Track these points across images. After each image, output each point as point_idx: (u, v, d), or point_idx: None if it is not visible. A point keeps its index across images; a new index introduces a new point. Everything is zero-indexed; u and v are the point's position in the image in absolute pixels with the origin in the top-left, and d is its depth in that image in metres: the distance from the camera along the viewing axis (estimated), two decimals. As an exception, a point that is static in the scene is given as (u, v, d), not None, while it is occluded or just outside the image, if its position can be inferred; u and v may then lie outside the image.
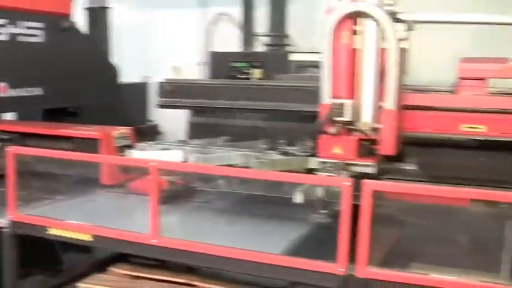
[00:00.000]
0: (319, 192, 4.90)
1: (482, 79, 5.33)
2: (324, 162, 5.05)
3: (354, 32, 5.03)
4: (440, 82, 5.76)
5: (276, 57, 9.09)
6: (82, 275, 5.85)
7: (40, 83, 8.26)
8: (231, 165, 5.44)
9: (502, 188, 4.83)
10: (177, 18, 10.81)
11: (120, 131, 6.65)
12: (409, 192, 4.65)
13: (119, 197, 6.09)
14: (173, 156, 5.60)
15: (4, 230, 5.38)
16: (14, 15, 7.80)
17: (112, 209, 5.91)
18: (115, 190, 6.20)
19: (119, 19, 11.36)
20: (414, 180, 5.42)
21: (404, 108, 5.25)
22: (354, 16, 4.97)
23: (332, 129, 4.93)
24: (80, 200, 6.03)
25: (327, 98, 5.00)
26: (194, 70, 9.71)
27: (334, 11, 4.95)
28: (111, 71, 9.81)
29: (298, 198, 4.74)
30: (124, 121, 7.59)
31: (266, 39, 9.48)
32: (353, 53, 5.03)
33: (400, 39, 5.01)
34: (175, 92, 7.12)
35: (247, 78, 8.92)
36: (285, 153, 5.61)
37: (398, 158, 5.36)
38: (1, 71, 7.69)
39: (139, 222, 5.00)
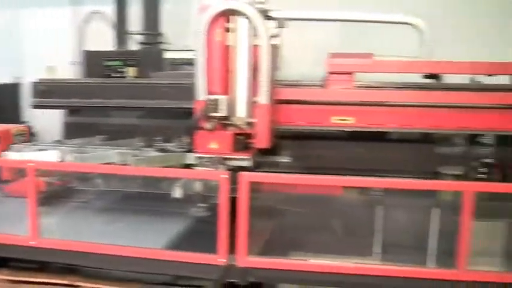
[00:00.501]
0: (198, 187, 5.00)
1: (349, 73, 5.59)
2: (200, 158, 5.15)
3: (227, 30, 5.15)
4: (311, 77, 5.96)
5: (151, 55, 9.04)
6: None
7: None
8: (108, 164, 5.44)
9: (372, 176, 5.11)
10: (49, 17, 10.60)
11: (18, 128, 6.61)
12: (284, 183, 4.84)
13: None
14: (50, 156, 5.53)
15: None
16: None
17: None
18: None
19: None
20: (289, 172, 5.63)
21: (277, 102, 5.44)
22: (227, 14, 5.10)
23: (208, 125, 5.04)
24: None
25: (202, 94, 5.10)
26: (68, 70, 9.55)
27: (208, 9, 5.06)
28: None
29: (177, 193, 4.83)
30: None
31: (140, 38, 9.46)
32: (226, 50, 5.15)
33: (272, 36, 5.20)
34: (50, 92, 6.96)
35: (122, 77, 8.86)
36: (162, 150, 5.67)
37: (273, 151, 5.54)
38: None
39: (18, 224, 4.93)
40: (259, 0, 5.18)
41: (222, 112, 5.06)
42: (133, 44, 9.49)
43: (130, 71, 8.92)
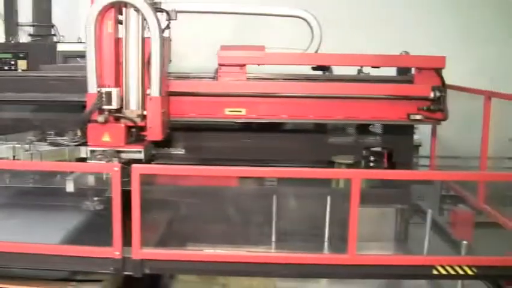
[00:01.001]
0: (91, 180, 4.97)
1: (241, 65, 5.66)
2: (93, 151, 5.12)
3: (119, 22, 5.16)
4: (205, 70, 6.00)
5: (42, 47, 8.86)
6: None
7: None
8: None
9: (266, 166, 5.21)
10: None
11: None
12: (175, 174, 4.88)
13: None
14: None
15: None
16: None
17: None
18: None
19: None
20: (183, 164, 5.66)
21: (170, 94, 5.46)
22: (117, 6, 5.08)
23: (100, 118, 5.02)
24: None
25: (93, 87, 5.07)
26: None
27: (97, 1, 5.03)
28: None
29: (70, 187, 4.77)
30: None
31: (31, 29, 9.27)
32: (118, 42, 5.15)
33: (163, 29, 5.21)
34: None
35: (13, 70, 8.66)
36: (54, 144, 5.56)
37: (167, 143, 5.57)
38: None
39: None
40: None
41: (113, 105, 5.04)
42: (24, 36, 9.31)
43: (21, 64, 8.73)
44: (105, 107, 5.04)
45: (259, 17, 6.43)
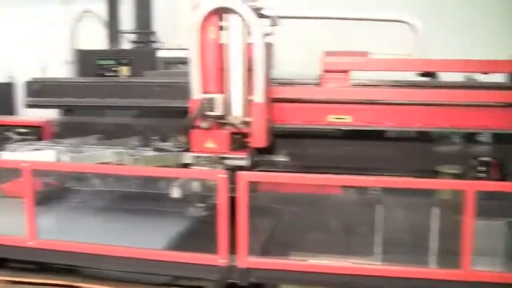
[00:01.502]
0: (196, 186, 4.94)
1: (345, 72, 5.53)
2: (197, 157, 5.10)
3: (221, 28, 5.11)
4: (304, 76, 5.91)
5: (143, 54, 8.99)
6: None
7: None
8: (105, 164, 5.37)
9: (369, 174, 5.07)
10: (41, 16, 10.50)
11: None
12: (282, 182, 4.78)
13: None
14: (46, 156, 5.46)
15: None
16: None
17: None
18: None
19: None
20: (286, 171, 5.57)
21: (273, 101, 5.38)
22: (220, 12, 5.04)
23: (204, 124, 5.00)
24: None
25: (197, 93, 5.05)
26: (62, 69, 9.47)
27: (200, 7, 5.01)
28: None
29: (175, 193, 4.77)
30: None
31: (132, 37, 9.40)
32: (220, 48, 5.11)
33: (265, 34, 5.14)
34: (43, 92, 6.88)
35: (116, 76, 8.81)
36: (158, 150, 5.60)
37: (270, 150, 5.50)
38: None
39: (16, 225, 4.86)
40: None
41: (217, 111, 5.01)
42: (126, 43, 9.45)
43: (123, 70, 8.87)
44: (208, 113, 5.01)
45: (359, 22, 6.30)
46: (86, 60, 9.07)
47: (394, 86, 5.65)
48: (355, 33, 7.44)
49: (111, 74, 8.91)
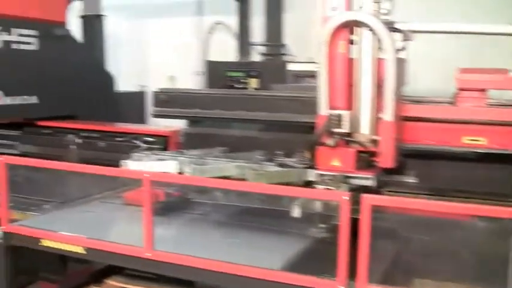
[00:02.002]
0: (317, 206, 4.78)
1: (482, 90, 5.21)
2: (322, 175, 4.96)
3: (351, 42, 4.94)
4: (439, 93, 5.64)
5: (273, 66, 8.97)
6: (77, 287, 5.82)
7: (35, 92, 8.31)
8: (227, 177, 5.30)
9: (502, 201, 4.74)
10: (173, 27, 10.71)
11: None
12: (411, 208, 4.52)
13: (116, 208, 5.99)
14: (168, 167, 5.46)
15: None
16: (7, 22, 7.82)
17: (108, 220, 5.81)
18: (112, 201, 6.13)
19: (114, 27, 11.26)
20: (414, 193, 5.33)
21: (404, 119, 5.15)
22: (350, 25, 4.89)
23: (330, 141, 4.84)
24: (76, 210, 5.96)
25: (324, 108, 4.91)
26: (191, 80, 9.62)
27: (330, 20, 4.87)
28: (106, 79, 9.75)
29: (295, 212, 4.61)
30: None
31: (262, 49, 9.40)
32: (350, 62, 4.94)
33: (398, 49, 4.92)
34: (170, 102, 7.02)
35: (244, 88, 8.83)
36: (282, 165, 5.46)
37: (398, 170, 5.26)
38: None
39: (134, 234, 4.87)
40: (384, 11, 4.92)
41: (345, 128, 4.84)
42: (256, 55, 9.47)
43: (252, 82, 8.87)
44: (335, 130, 4.85)
45: (495, 37, 5.95)
46: (216, 71, 9.15)
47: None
48: (491, 50, 7.11)
49: (240, 86, 8.93)
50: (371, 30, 4.82)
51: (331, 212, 4.72)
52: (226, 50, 9.71)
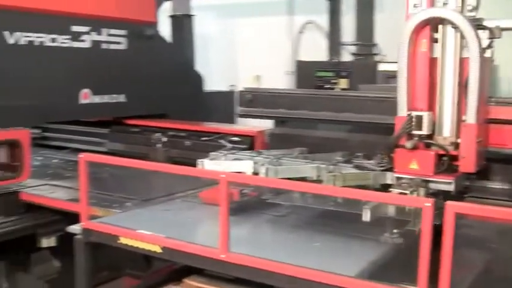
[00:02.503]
0: (391, 210, 4.70)
1: None
2: (399, 178, 4.89)
3: (434, 40, 4.86)
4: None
5: (364, 67, 8.92)
6: (156, 285, 5.82)
7: (123, 91, 8.52)
8: (302, 178, 5.30)
9: None
10: (264, 26, 10.77)
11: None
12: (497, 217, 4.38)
13: (196, 208, 6.00)
14: (243, 167, 5.51)
15: (77, 236, 5.42)
16: (97, 22, 8.06)
17: (186, 219, 5.78)
18: (194, 200, 6.18)
19: (203, 27, 11.41)
20: (500, 199, 5.17)
21: (490, 122, 5.03)
22: (433, 23, 4.80)
23: (408, 144, 4.76)
24: (156, 208, 6.04)
25: (403, 110, 4.86)
26: (280, 79, 9.66)
27: (411, 18, 4.83)
28: (195, 79, 9.91)
29: (366, 216, 4.54)
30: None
31: (353, 48, 9.33)
32: (432, 62, 4.86)
33: (484, 48, 4.79)
34: (255, 102, 7.14)
35: (332, 88, 8.82)
36: (359, 167, 5.40)
37: (483, 175, 5.12)
38: (84, 78, 7.99)
39: (211, 235, 4.89)
40: (469, 7, 4.80)
41: (424, 130, 4.76)
42: (347, 55, 9.42)
43: (342, 83, 8.83)
44: (414, 132, 4.78)
45: None
46: (305, 71, 9.18)
47: None
48: None
49: (330, 86, 8.92)
50: (455, 27, 4.72)
51: (406, 216, 4.67)
52: (316, 50, 9.70)
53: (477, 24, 4.80)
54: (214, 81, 10.50)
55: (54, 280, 7.32)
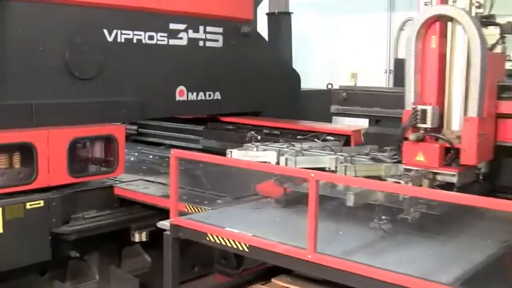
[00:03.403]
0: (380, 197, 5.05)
1: None
2: (407, 170, 5.25)
3: (443, 36, 5.22)
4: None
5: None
6: (245, 284, 6.25)
7: (218, 88, 8.96)
8: (321, 169, 5.63)
9: None
10: (363, 23, 10.95)
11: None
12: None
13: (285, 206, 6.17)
14: (267, 157, 6.03)
15: (166, 232, 5.72)
16: (194, 20, 8.53)
17: (275, 218, 5.92)
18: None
19: (302, 25, 11.68)
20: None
21: (499, 117, 5.36)
22: (443, 20, 5.17)
23: (412, 136, 5.17)
24: (246, 207, 6.30)
25: (409, 103, 5.28)
26: (376, 77, 9.81)
27: (421, 13, 5.21)
28: (292, 77, 10.29)
29: (349, 201, 4.91)
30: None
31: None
32: (440, 57, 5.22)
33: (493, 44, 5.24)
34: (350, 100, 7.48)
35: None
36: (375, 159, 5.75)
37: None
38: (180, 75, 8.47)
39: (298, 235, 5.00)
40: (477, 4, 5.19)
41: (429, 123, 5.15)
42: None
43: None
44: (420, 125, 5.17)
45: None
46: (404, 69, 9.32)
47: None
48: None
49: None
50: (459, 24, 5.09)
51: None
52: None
53: (487, 21, 5.22)
54: (312, 79, 10.79)
55: (145, 275, 7.88)
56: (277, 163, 5.92)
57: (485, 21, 5.24)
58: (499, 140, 5.43)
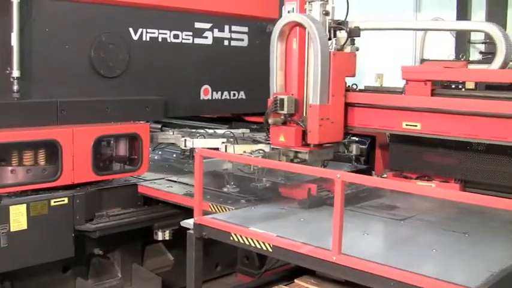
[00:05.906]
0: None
1: (425, 81, 6.31)
2: (273, 148, 6.66)
3: (303, 38, 6.52)
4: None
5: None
6: (267, 284, 6.42)
7: (243, 88, 9.10)
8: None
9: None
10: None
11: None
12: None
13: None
14: (213, 144, 7.69)
15: (189, 231, 5.83)
16: (220, 19, 8.66)
17: (299, 219, 5.97)
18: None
19: None
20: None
21: (350, 105, 6.81)
22: (300, 25, 6.45)
23: (270, 120, 6.52)
24: (270, 207, 6.38)
25: (271, 93, 6.65)
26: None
27: (281, 19, 6.66)
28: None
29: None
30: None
31: (482, 47, 9.41)
32: (300, 56, 6.57)
33: (342, 44, 6.67)
34: None
35: (460, 89, 8.95)
36: (255, 141, 7.42)
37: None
38: (205, 74, 8.60)
39: (322, 236, 5.11)
40: (324, 12, 6.54)
41: (285, 110, 6.43)
42: (475, 54, 9.48)
43: (468, 84, 9.05)
44: (279, 111, 6.46)
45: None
46: (432, 70, 9.35)
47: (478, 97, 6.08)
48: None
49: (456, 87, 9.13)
50: (304, 28, 6.41)
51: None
52: (443, 48, 9.84)
53: (337, 26, 6.68)
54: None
55: (167, 273, 8.02)
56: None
57: (335, 26, 6.62)
58: (348, 125, 6.84)
